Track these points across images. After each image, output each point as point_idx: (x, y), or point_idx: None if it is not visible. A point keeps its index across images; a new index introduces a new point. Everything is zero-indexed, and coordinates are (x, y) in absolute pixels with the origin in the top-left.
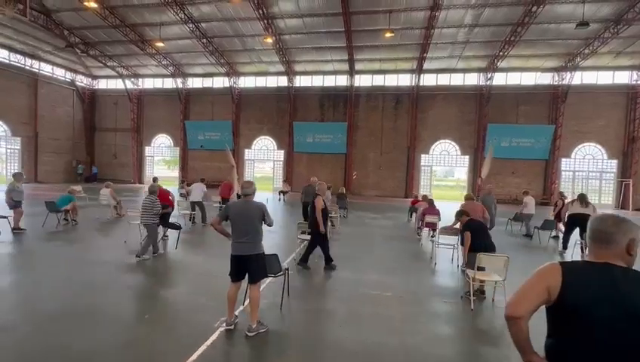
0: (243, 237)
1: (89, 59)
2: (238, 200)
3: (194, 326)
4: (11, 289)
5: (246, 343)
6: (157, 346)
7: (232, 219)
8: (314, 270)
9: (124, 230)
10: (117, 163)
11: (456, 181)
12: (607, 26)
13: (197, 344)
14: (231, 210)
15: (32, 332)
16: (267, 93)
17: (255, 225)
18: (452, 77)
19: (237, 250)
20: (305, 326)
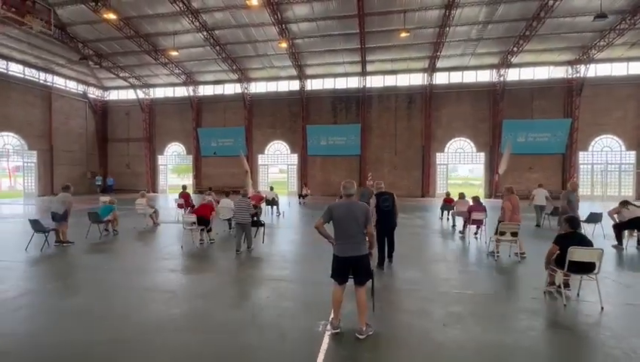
0: (350, 238)
1: (101, 71)
2: (341, 201)
3: (300, 332)
4: (109, 302)
5: (363, 347)
6: (274, 355)
7: (338, 220)
8: (378, 270)
9: (169, 237)
10: (130, 173)
11: (464, 179)
12: (623, 17)
13: (313, 351)
14: (336, 211)
15: (144, 342)
16: (279, 98)
17: (360, 226)
18: (464, 74)
19: (344, 251)
20: (408, 328)
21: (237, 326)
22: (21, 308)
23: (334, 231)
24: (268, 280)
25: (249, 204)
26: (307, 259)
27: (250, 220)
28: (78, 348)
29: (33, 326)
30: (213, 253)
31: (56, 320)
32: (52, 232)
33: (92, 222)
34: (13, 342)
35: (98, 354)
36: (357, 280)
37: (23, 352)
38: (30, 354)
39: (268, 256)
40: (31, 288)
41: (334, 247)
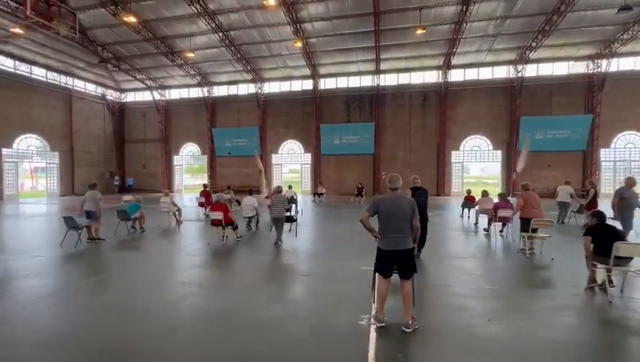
0: (396, 232)
1: (119, 74)
2: (387, 195)
3: (344, 326)
4: (147, 297)
5: (411, 340)
6: (324, 349)
7: (385, 213)
8: None
9: (193, 234)
10: (147, 173)
11: (477, 178)
12: None
13: (362, 344)
14: (382, 205)
15: (204, 333)
16: (292, 98)
17: (407, 220)
18: (480, 71)
19: (391, 244)
20: (452, 323)
21: (279, 320)
22: (62, 303)
23: (380, 224)
24: (301, 276)
25: (284, 200)
26: (334, 255)
27: (284, 215)
28: (121, 342)
29: (75, 320)
30: (241, 249)
31: (97, 314)
32: (84, 229)
33: (120, 220)
34: (56, 337)
35: (143, 347)
36: (403, 274)
37: (69, 346)
38: (75, 347)
39: (296, 251)
40: (70, 283)
41: (379, 241)
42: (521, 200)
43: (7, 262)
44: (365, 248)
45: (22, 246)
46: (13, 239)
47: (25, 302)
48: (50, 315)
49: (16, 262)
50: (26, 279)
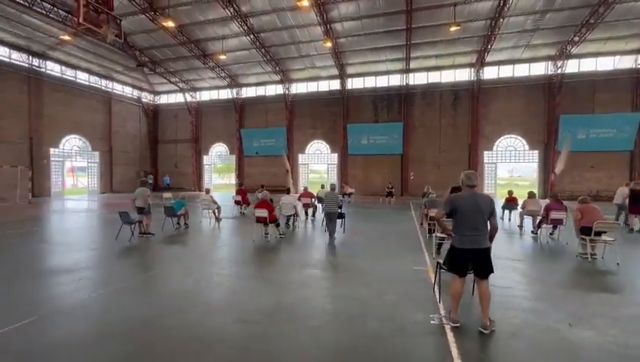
0: (473, 230)
1: (154, 77)
2: (464, 193)
3: (416, 325)
4: (213, 290)
5: (493, 342)
6: (407, 346)
7: (462, 211)
8: None
9: (235, 230)
10: (178, 172)
11: (507, 179)
12: None
13: (442, 343)
14: (459, 202)
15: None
16: (319, 98)
17: (485, 219)
18: (516, 68)
19: (468, 243)
20: (531, 326)
21: (351, 315)
22: (129, 293)
23: (455, 222)
24: (358, 274)
25: (337, 196)
26: (382, 254)
27: (337, 211)
28: (198, 331)
29: (145, 309)
30: (286, 246)
31: (162, 303)
32: (137, 224)
33: (167, 216)
34: (126, 325)
35: (225, 335)
36: (480, 274)
37: (138, 332)
38: (145, 334)
39: (345, 248)
40: (133, 273)
41: (453, 239)
42: (579, 213)
43: (73, 254)
44: (410, 248)
45: (81, 240)
46: (73, 233)
47: (92, 291)
48: (122, 303)
49: (80, 254)
50: (92, 270)
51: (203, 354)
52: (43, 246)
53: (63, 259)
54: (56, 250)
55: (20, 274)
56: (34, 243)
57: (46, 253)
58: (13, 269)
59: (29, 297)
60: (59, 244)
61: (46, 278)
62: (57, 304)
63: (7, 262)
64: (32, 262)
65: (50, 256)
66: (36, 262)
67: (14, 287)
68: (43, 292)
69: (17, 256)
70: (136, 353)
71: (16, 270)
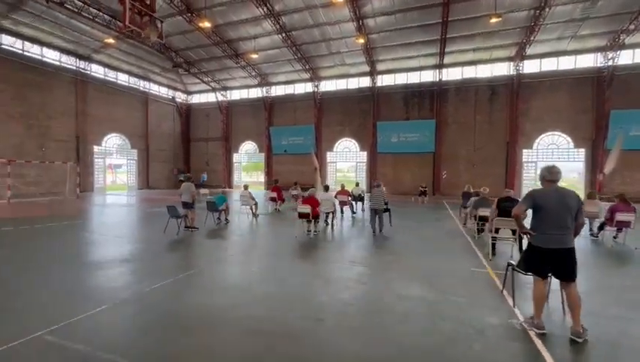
0: (559, 228)
1: (187, 77)
2: (547, 188)
3: (495, 328)
4: (285, 286)
5: (591, 352)
6: (491, 352)
7: (547, 208)
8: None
9: (274, 226)
10: (209, 170)
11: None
12: None
13: (532, 352)
14: (543, 199)
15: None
16: (348, 95)
17: (572, 216)
18: (560, 61)
19: (552, 242)
20: (625, 334)
21: (421, 316)
22: (187, 284)
23: (537, 220)
24: (417, 273)
25: (383, 192)
26: (433, 254)
27: (383, 207)
28: (282, 325)
29: (208, 302)
30: (330, 242)
31: (227, 297)
32: (183, 218)
33: (209, 211)
34: (196, 316)
35: (296, 331)
36: (566, 276)
37: (212, 324)
38: (220, 327)
39: (394, 246)
40: (186, 266)
41: (534, 238)
42: None
43: (127, 246)
44: (460, 248)
45: (132, 232)
46: (123, 226)
47: (151, 282)
48: (186, 294)
49: (133, 246)
50: (147, 261)
51: (280, 348)
52: (98, 237)
53: (120, 251)
54: (112, 242)
55: (83, 265)
56: (90, 234)
57: (102, 244)
58: (77, 259)
59: (96, 286)
60: (113, 236)
61: (108, 268)
62: (123, 294)
63: (69, 252)
64: (91, 252)
65: (107, 247)
66: (95, 252)
67: (80, 276)
68: (108, 283)
69: (76, 246)
70: (218, 345)
71: (80, 260)
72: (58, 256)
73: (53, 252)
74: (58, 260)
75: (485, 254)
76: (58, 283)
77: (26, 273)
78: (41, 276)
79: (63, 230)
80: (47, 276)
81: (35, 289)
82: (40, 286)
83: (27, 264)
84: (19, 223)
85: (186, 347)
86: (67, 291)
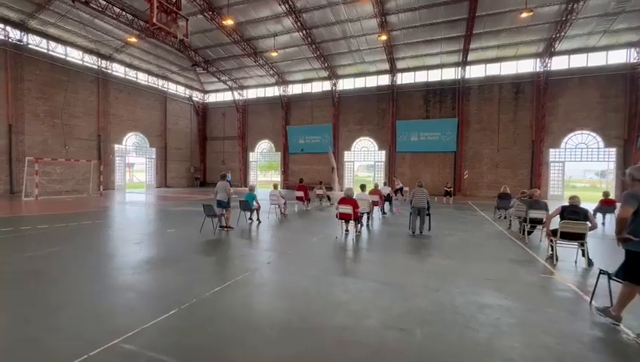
0: None
1: (204, 76)
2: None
3: (603, 343)
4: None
5: None
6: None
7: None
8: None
9: (309, 225)
10: (225, 168)
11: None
12: None
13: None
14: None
15: None
16: (367, 94)
17: None
18: (590, 57)
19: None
20: None
21: (514, 327)
22: (251, 288)
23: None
24: (481, 279)
25: (426, 193)
26: (486, 256)
27: (426, 206)
28: (367, 336)
29: (284, 308)
30: (375, 243)
31: (298, 302)
32: (220, 217)
33: (242, 210)
34: (282, 322)
35: (388, 343)
36: None
37: (299, 330)
38: (310, 335)
39: (440, 248)
40: (240, 269)
41: (635, 244)
42: None
43: (168, 246)
44: (512, 252)
45: (168, 232)
46: (156, 225)
47: (213, 285)
48: (256, 299)
49: (174, 246)
50: (195, 262)
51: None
52: (139, 236)
53: (165, 251)
54: (154, 241)
55: (137, 265)
56: (128, 233)
57: (146, 243)
58: (128, 259)
59: (158, 289)
60: (152, 235)
61: (161, 269)
62: (187, 298)
63: (117, 252)
64: (139, 252)
65: (152, 247)
66: (143, 252)
67: (138, 278)
68: (167, 285)
69: (121, 246)
70: (309, 356)
71: (131, 260)
72: (106, 257)
73: (98, 252)
74: (108, 261)
75: (547, 259)
76: (116, 287)
77: (81, 277)
78: (98, 278)
79: (99, 229)
80: (105, 279)
81: (95, 293)
82: (100, 290)
83: (79, 264)
84: (52, 220)
85: (280, 357)
86: (129, 296)
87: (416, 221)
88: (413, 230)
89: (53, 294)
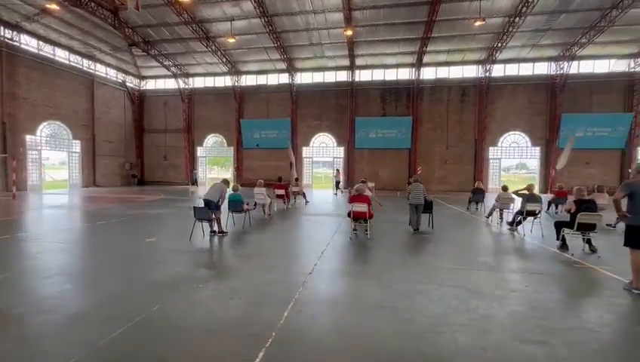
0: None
1: (141, 59)
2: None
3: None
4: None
5: None
6: None
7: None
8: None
9: (305, 226)
10: (168, 164)
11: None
12: None
13: None
14: (635, 187)
15: None
16: (325, 89)
17: None
18: (521, 67)
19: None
20: None
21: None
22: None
23: (633, 205)
24: (507, 272)
25: (423, 188)
26: (491, 247)
27: (423, 202)
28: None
29: (373, 328)
30: (387, 244)
31: (389, 319)
32: (213, 221)
33: (232, 212)
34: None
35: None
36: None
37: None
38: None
39: (450, 242)
40: (275, 282)
41: (630, 219)
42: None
43: (169, 257)
44: (513, 245)
45: (156, 239)
46: (136, 233)
47: (251, 304)
48: (329, 317)
49: (176, 258)
50: (222, 277)
51: None
52: (117, 253)
53: (180, 266)
54: (146, 260)
55: (153, 284)
56: (92, 251)
57: (141, 256)
58: (144, 279)
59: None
60: (130, 249)
61: (176, 286)
62: (253, 328)
63: (129, 269)
64: (154, 268)
65: (167, 264)
66: (161, 268)
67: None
68: (187, 298)
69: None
70: None
71: (147, 280)
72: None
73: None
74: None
75: (559, 248)
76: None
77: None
78: None
79: (33, 248)
80: None
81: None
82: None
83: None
84: None
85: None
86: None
87: (414, 217)
88: (413, 226)
89: None
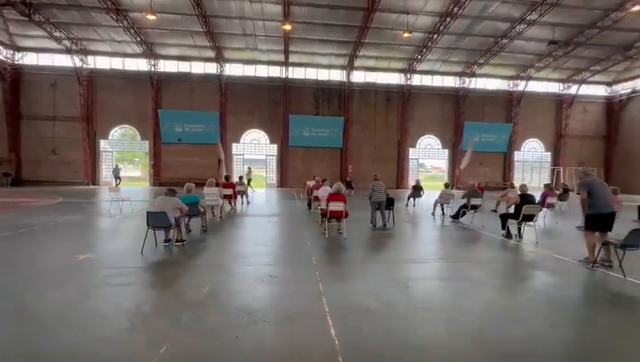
0: (606, 201)
1: (15, 24)
2: (592, 178)
3: None
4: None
5: None
6: None
7: (599, 191)
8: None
9: (268, 228)
10: (58, 160)
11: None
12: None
13: None
14: (594, 185)
15: None
16: (258, 83)
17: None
18: (434, 79)
19: (605, 208)
20: None
21: None
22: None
23: (593, 198)
24: (498, 265)
25: (383, 185)
26: (460, 240)
27: (385, 199)
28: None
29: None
30: (368, 242)
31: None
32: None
33: (190, 217)
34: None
35: None
36: (610, 228)
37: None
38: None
39: (422, 237)
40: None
41: (591, 209)
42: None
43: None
44: (478, 238)
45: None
46: (32, 248)
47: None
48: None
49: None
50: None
51: None
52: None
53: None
54: (87, 292)
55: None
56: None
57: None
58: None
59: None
60: (56, 275)
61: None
62: None
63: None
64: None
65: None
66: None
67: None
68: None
69: None
70: None
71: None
72: None
73: None
74: None
75: (505, 236)
76: None
77: None
78: None
79: None
80: None
81: None
82: None
83: None
84: None
85: None
86: None
87: (376, 214)
88: (374, 223)
89: None
